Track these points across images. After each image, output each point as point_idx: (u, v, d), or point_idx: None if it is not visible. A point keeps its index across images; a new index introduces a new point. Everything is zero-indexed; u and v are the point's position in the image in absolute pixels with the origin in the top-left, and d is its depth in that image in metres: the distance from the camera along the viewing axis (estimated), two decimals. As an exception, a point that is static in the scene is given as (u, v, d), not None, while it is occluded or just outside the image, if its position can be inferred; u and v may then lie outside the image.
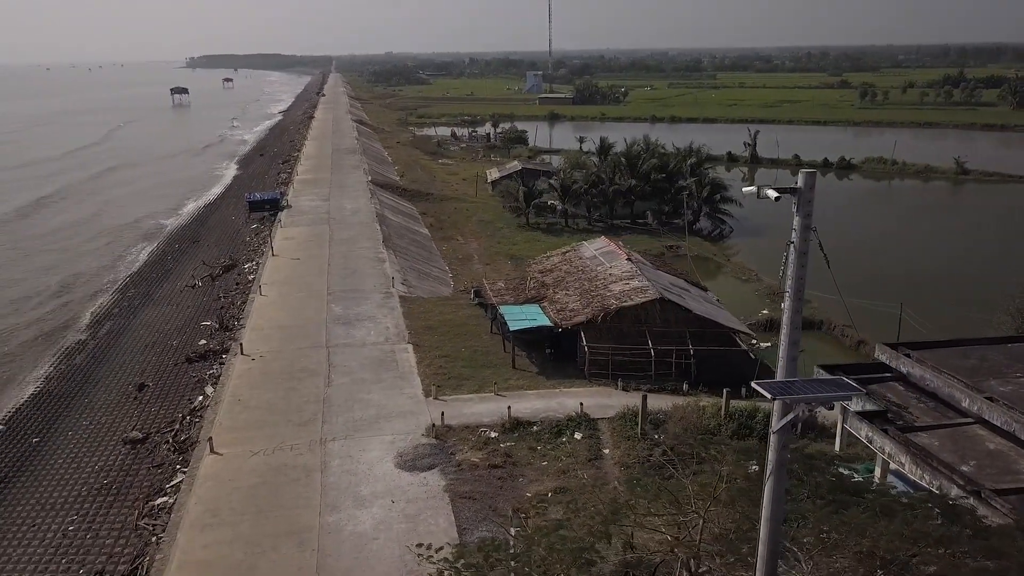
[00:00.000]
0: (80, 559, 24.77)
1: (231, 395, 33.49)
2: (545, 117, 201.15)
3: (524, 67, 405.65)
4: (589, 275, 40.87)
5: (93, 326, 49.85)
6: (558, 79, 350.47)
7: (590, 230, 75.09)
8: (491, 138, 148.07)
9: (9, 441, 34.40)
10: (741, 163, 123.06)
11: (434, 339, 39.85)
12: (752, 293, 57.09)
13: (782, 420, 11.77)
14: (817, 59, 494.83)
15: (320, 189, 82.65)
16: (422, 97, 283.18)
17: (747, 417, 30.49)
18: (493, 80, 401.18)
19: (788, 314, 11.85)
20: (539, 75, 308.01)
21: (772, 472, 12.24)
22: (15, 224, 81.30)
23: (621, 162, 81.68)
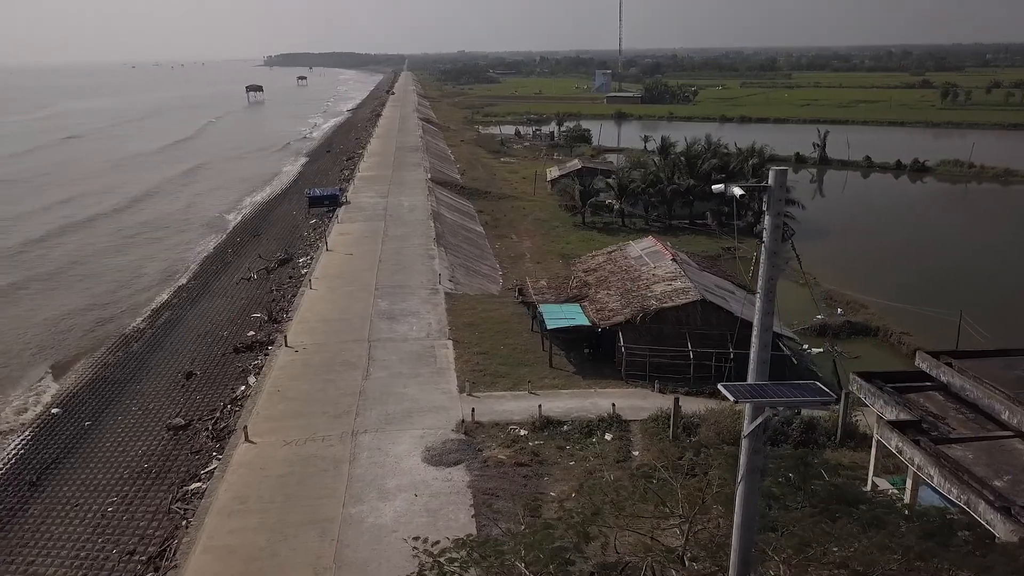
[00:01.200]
0: (115, 539, 25.68)
1: (271, 386, 34.22)
2: (612, 116, 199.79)
3: (594, 66, 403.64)
4: (632, 275, 40.46)
5: (153, 315, 51.57)
6: (628, 78, 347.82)
7: (647, 230, 74.22)
8: (554, 137, 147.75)
9: (64, 424, 35.85)
10: (809, 164, 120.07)
11: (474, 336, 40.01)
12: (808, 297, 55.70)
13: (752, 424, 11.40)
14: (899, 58, 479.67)
15: (380, 186, 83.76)
16: (490, 96, 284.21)
17: (783, 423, 29.78)
18: (563, 79, 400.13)
19: (759, 315, 11.52)
20: (608, 74, 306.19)
21: (743, 477, 11.88)
22: (110, 218, 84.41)
23: (681, 162, 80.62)
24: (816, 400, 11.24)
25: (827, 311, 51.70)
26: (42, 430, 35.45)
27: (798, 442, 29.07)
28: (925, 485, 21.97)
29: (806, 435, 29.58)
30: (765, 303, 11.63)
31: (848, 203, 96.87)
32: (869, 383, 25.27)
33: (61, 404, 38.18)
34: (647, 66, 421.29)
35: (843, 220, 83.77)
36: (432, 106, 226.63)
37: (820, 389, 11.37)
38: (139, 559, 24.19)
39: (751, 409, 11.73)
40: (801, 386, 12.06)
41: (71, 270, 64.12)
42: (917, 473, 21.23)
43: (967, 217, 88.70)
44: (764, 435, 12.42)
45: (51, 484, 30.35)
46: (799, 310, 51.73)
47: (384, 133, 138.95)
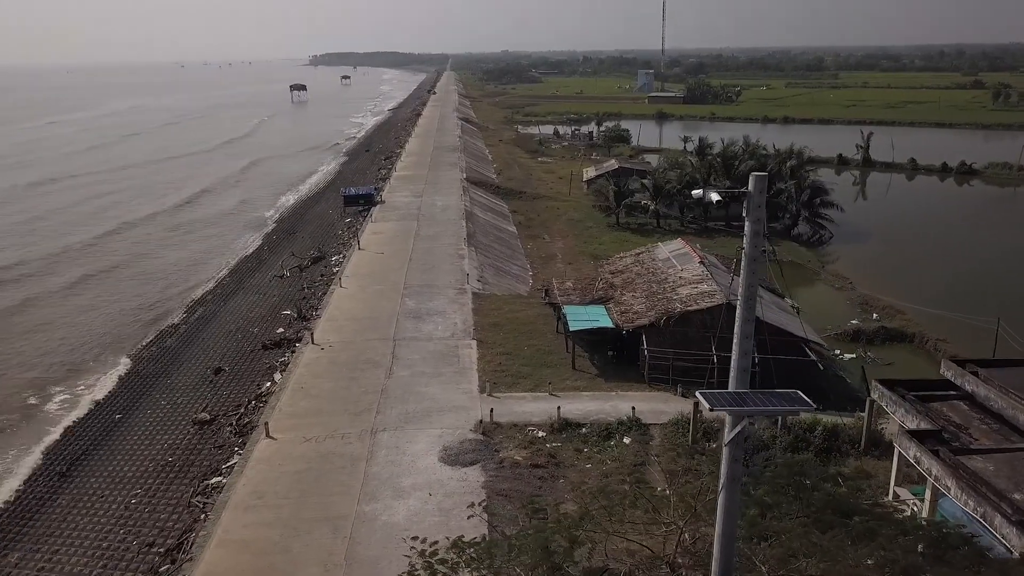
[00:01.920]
0: (136, 531, 26.21)
1: (295, 383, 34.61)
2: (653, 116, 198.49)
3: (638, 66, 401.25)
4: (659, 277, 40.15)
5: (189, 310, 52.52)
6: (671, 78, 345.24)
7: (682, 231, 73.71)
8: (593, 137, 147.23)
9: (96, 416, 36.72)
10: (852, 166, 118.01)
11: (499, 336, 40.04)
12: (844, 302, 54.82)
13: (731, 433, 11.24)
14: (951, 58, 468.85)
15: (415, 185, 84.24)
16: (532, 95, 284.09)
17: (805, 430, 29.34)
18: (605, 79, 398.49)
19: (739, 323, 11.34)
20: (650, 73, 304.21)
21: (724, 487, 11.71)
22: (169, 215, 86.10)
23: (717, 163, 79.82)
24: (795, 409, 11.02)
25: (862, 316, 50.81)
26: (75, 422, 36.33)
27: (820, 449, 28.61)
28: (946, 497, 21.51)
29: (829, 442, 29.08)
30: (745, 310, 11.44)
31: (890, 206, 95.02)
32: (891, 391, 24.80)
33: (93, 396, 39.09)
34: (691, 66, 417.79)
35: (884, 223, 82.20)
36: (473, 105, 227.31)
37: (800, 398, 11.16)
38: (157, 551, 24.67)
39: (730, 418, 11.55)
40: (781, 395, 11.85)
41: (128, 266, 65.16)
42: (935, 484, 20.75)
43: (1013, 221, 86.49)
44: (744, 444, 12.22)
45: (80, 475, 31.11)
46: (834, 314, 50.96)
47: (423, 133, 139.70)
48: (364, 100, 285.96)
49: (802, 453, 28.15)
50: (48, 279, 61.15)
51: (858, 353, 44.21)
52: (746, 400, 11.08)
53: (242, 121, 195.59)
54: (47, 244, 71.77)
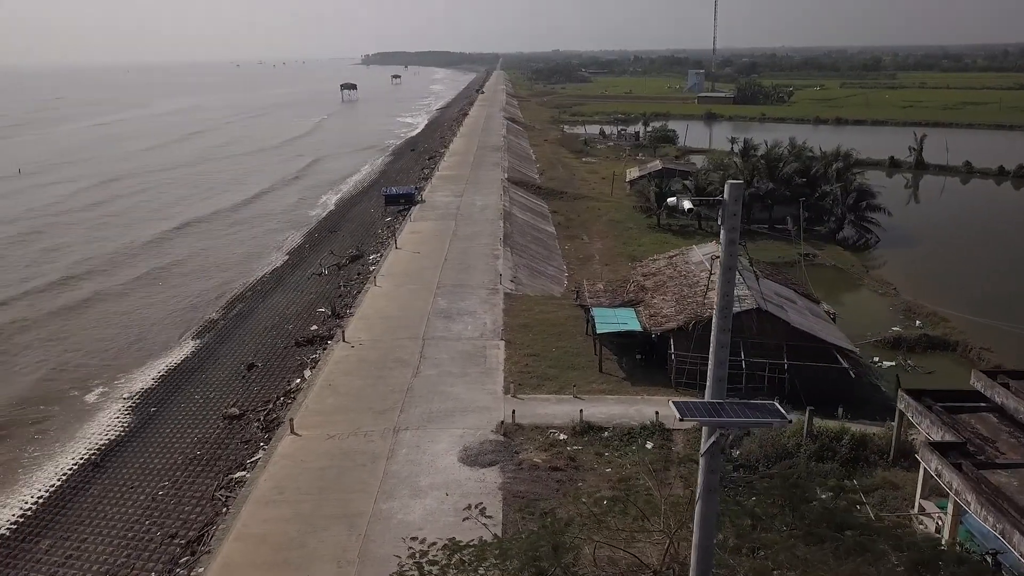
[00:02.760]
0: (160, 522, 26.81)
1: (324, 380, 35.05)
2: (701, 117, 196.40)
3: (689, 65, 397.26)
4: (690, 280, 39.73)
5: (228, 306, 53.52)
6: (723, 77, 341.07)
7: (723, 234, 72.77)
8: (639, 137, 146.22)
9: (132, 410, 37.61)
10: (904, 169, 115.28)
11: (528, 337, 40.03)
12: (886, 308, 53.60)
13: (707, 442, 11.07)
14: (1016, 57, 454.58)
15: (456, 185, 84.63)
16: (580, 95, 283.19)
17: (831, 439, 28.76)
18: (655, 79, 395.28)
19: (715, 331, 11.16)
20: (701, 73, 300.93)
21: (700, 497, 11.53)
22: (232, 212, 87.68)
23: (761, 164, 78.63)
24: (768, 421, 10.82)
25: (904, 323, 49.64)
26: (111, 413, 37.28)
27: (846, 459, 28.04)
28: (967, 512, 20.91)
29: (855, 452, 28.47)
30: (721, 319, 11.26)
31: (942, 210, 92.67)
32: (917, 401, 24.20)
33: (132, 389, 40.06)
34: (743, 65, 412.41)
35: (934, 228, 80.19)
36: (520, 105, 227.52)
37: (776, 410, 10.95)
38: (179, 543, 25.21)
39: (707, 428, 11.38)
40: (757, 406, 11.64)
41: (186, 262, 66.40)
42: (955, 498, 20.20)
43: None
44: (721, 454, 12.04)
45: (113, 466, 31.90)
46: (876, 321, 49.89)
47: (468, 132, 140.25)
48: (413, 99, 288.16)
49: (827, 463, 27.69)
50: (114, 274, 62.48)
51: (898, 361, 43.20)
52: (721, 410, 10.92)
53: (301, 120, 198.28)
54: (118, 240, 73.39)
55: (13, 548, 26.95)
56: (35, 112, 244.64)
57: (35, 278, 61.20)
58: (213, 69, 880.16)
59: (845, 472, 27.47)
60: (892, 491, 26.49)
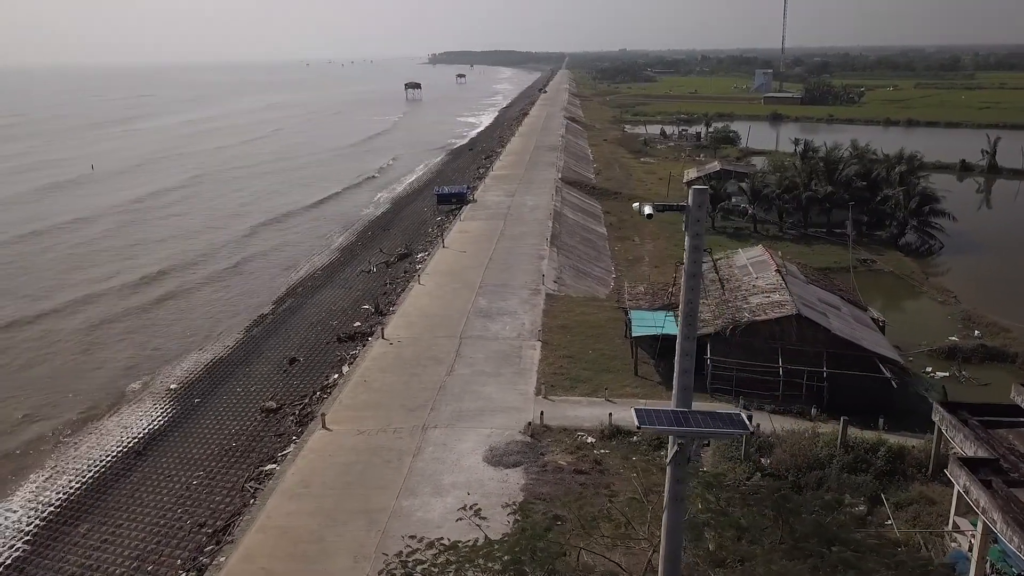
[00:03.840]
0: (191, 510, 27.53)
1: (359, 376, 35.51)
2: (767, 117, 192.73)
3: (757, 65, 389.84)
4: (732, 285, 39.04)
5: (278, 301, 54.63)
6: (792, 78, 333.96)
7: (780, 237, 71.50)
8: (701, 137, 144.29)
9: (177, 400, 38.70)
10: (976, 173, 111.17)
11: (565, 338, 39.88)
12: (944, 317, 51.79)
13: (672, 452, 10.86)
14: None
15: (509, 185, 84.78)
16: (644, 95, 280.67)
17: (867, 450, 27.92)
18: (722, 78, 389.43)
19: (680, 338, 10.93)
20: (768, 73, 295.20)
21: (667, 506, 11.30)
22: (312, 210, 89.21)
23: (820, 167, 76.78)
24: (730, 432, 10.57)
25: (962, 333, 47.88)
26: (156, 403, 38.42)
27: (881, 472, 27.20)
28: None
29: (892, 465, 27.59)
30: (686, 327, 11.02)
31: (1013, 216, 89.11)
32: (952, 414, 23.34)
33: (179, 381, 41.22)
34: (814, 65, 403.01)
35: (1002, 235, 77.08)
36: (582, 105, 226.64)
37: (740, 422, 10.67)
38: (206, 531, 25.85)
39: (673, 437, 11.17)
40: (720, 416, 11.37)
41: (264, 256, 68.07)
42: (982, 517, 19.42)
43: None
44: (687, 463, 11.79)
45: (153, 454, 32.89)
46: (932, 329, 48.25)
47: (527, 132, 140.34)
48: (476, 98, 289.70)
49: (860, 475, 26.93)
50: (199, 270, 64.00)
51: (952, 372, 41.72)
52: (685, 420, 10.69)
53: (376, 120, 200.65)
54: (208, 236, 75.30)
55: (55, 530, 28.01)
56: (128, 110, 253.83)
57: (122, 272, 62.94)
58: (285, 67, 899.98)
59: (879, 485, 26.70)
60: (928, 507, 25.62)
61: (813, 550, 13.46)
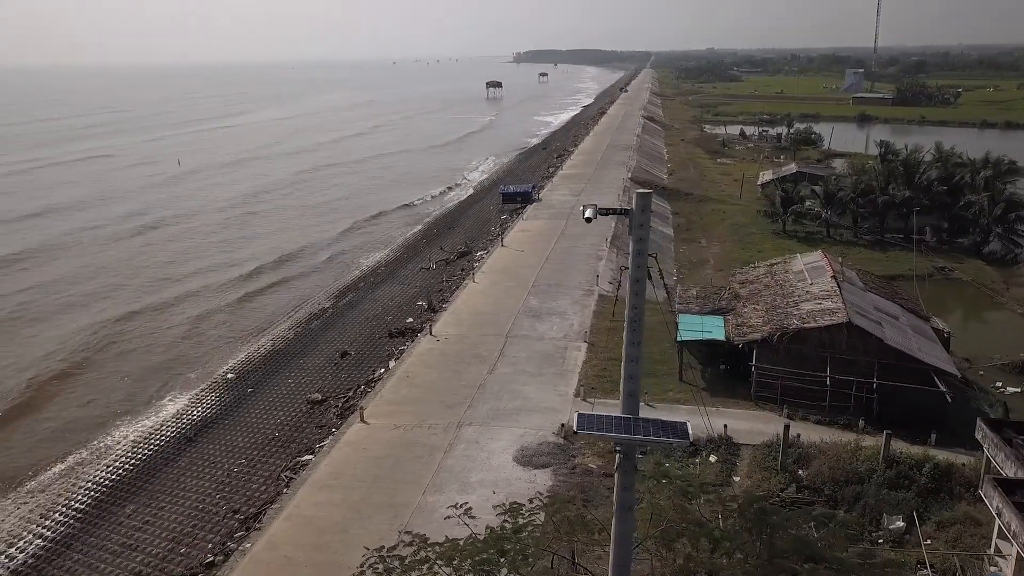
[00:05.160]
0: (228, 496, 28.39)
1: (403, 371, 35.97)
2: (854, 118, 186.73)
3: (849, 64, 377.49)
4: (786, 290, 37.97)
5: (338, 295, 55.76)
6: (885, 77, 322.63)
7: (854, 242, 69.24)
8: (781, 138, 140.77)
9: (232, 389, 39.91)
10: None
11: (612, 340, 39.42)
12: (1022, 329, 49.25)
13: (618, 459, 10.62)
14: None
15: (576, 184, 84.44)
16: (727, 95, 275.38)
17: (911, 467, 26.79)
18: (811, 78, 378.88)
19: (625, 345, 10.71)
20: (859, 73, 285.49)
21: (615, 516, 11.05)
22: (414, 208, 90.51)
23: (899, 170, 73.90)
24: (669, 441, 10.29)
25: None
26: (213, 392, 39.72)
27: (924, 489, 26.06)
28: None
29: (937, 483, 26.40)
30: (631, 333, 10.76)
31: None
32: (996, 433, 22.17)
33: (236, 370, 42.50)
34: (909, 64, 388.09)
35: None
36: (663, 104, 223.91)
37: (682, 431, 10.37)
38: (239, 518, 26.60)
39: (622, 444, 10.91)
40: (664, 424, 11.07)
41: (338, 257, 69.09)
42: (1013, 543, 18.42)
43: None
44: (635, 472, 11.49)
45: (203, 441, 34.03)
46: (1007, 343, 45.89)
47: (602, 131, 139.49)
48: (556, 97, 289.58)
49: (902, 492, 25.87)
50: (291, 265, 65.29)
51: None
52: (629, 426, 10.45)
53: (464, 119, 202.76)
54: (312, 233, 76.62)
55: (103, 510, 29.29)
56: (228, 107, 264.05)
57: (220, 267, 64.46)
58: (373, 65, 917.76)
59: (921, 503, 25.60)
60: (972, 528, 24.43)
61: (786, 567, 12.96)
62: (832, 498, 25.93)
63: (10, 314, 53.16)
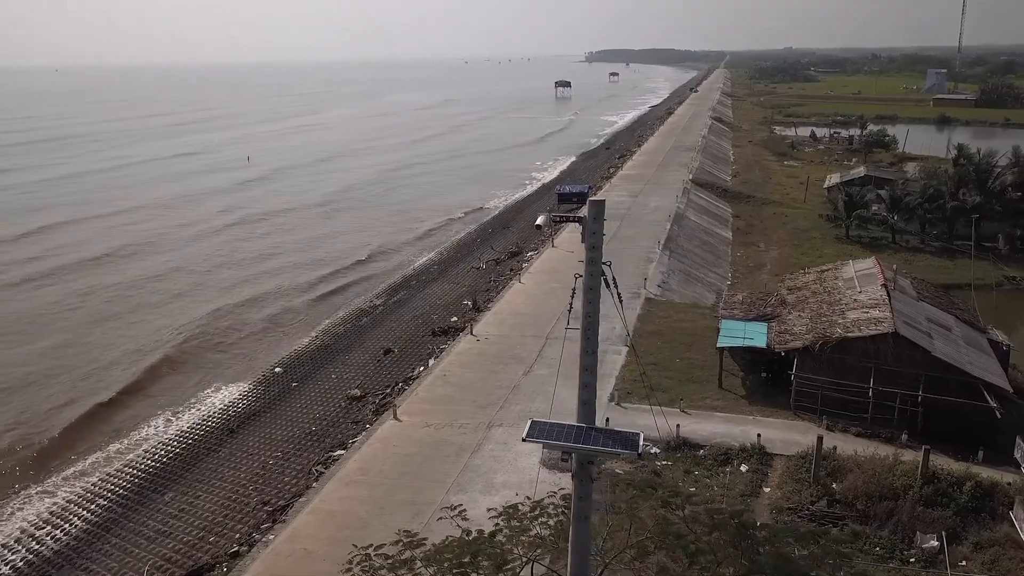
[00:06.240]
0: (260, 488, 29.06)
1: (440, 370, 36.21)
2: (934, 120, 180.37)
3: (933, 64, 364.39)
4: (833, 298, 36.89)
5: (389, 293, 56.46)
6: (971, 77, 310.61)
7: (920, 249, 67.03)
8: (852, 141, 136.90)
9: (278, 382, 40.82)
10: None
11: (655, 345, 39.06)
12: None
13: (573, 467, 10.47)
14: None
15: (635, 185, 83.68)
16: (802, 95, 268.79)
17: (951, 484, 25.76)
18: (891, 77, 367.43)
19: (581, 354, 10.57)
20: (942, 73, 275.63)
21: (572, 525, 10.87)
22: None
23: (970, 175, 71.13)
24: (616, 452, 10.14)
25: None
26: (259, 385, 40.67)
27: (964, 508, 25.04)
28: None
29: (979, 502, 25.33)
30: (585, 341, 10.62)
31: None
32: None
33: (283, 364, 43.41)
34: (997, 64, 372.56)
35: None
36: (734, 105, 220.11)
37: (632, 442, 10.18)
38: (267, 509, 27.19)
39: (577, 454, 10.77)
40: (615, 434, 10.86)
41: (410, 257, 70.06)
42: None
43: None
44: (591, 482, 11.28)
45: (244, 433, 34.91)
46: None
47: (667, 132, 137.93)
48: (625, 97, 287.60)
49: (939, 510, 24.91)
50: (366, 266, 66.15)
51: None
52: (581, 436, 10.30)
53: (550, 119, 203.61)
54: (409, 226, 78.85)
55: (144, 496, 30.30)
56: (314, 104, 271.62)
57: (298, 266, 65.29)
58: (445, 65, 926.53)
59: (959, 522, 24.62)
60: (1012, 551, 23.38)
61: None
62: (864, 513, 25.13)
63: (99, 309, 54.64)
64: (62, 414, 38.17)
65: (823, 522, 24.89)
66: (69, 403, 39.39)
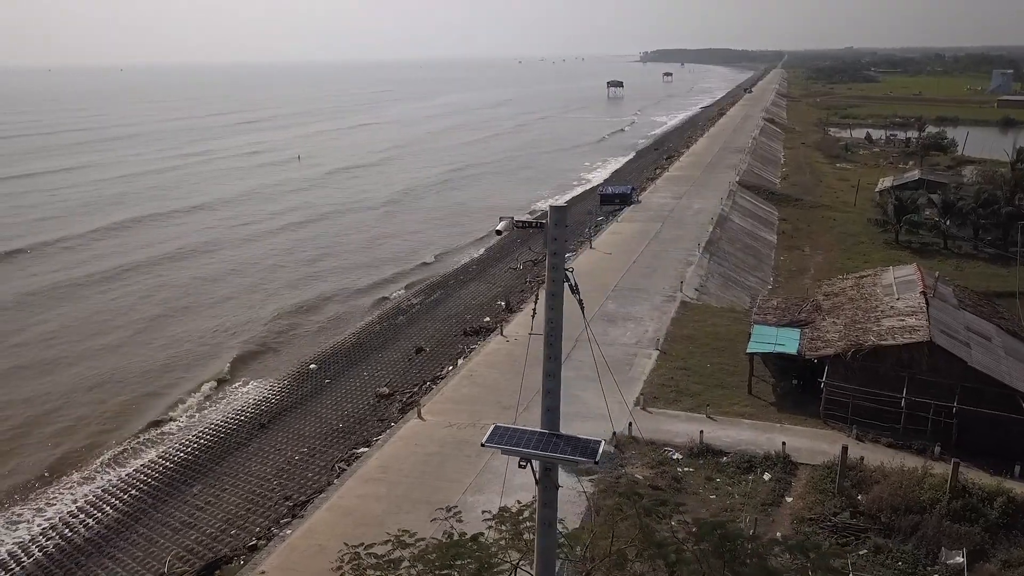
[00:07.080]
0: (283, 483, 29.52)
1: (467, 370, 36.34)
2: (997, 122, 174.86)
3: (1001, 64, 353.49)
4: (869, 305, 36.02)
5: (427, 291, 56.84)
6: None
7: (973, 256, 65.12)
8: (909, 143, 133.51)
9: (311, 378, 41.41)
10: None
11: (686, 349, 38.62)
12: None
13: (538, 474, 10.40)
14: None
15: (679, 187, 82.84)
16: (860, 96, 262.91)
17: (982, 499, 24.97)
18: (954, 78, 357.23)
19: (544, 361, 10.54)
20: (1008, 74, 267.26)
21: (537, 532, 10.81)
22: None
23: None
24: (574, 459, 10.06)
25: None
26: (294, 381, 41.30)
27: (995, 525, 24.26)
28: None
29: (1010, 518, 24.51)
30: (548, 348, 10.56)
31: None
32: None
33: (318, 360, 44.01)
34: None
35: None
36: (789, 106, 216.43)
37: (592, 449, 10.12)
38: (288, 504, 27.59)
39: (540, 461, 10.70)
40: (575, 441, 10.82)
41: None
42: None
43: None
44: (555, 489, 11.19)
45: (274, 428, 35.50)
46: None
47: (717, 133, 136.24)
48: (678, 97, 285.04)
49: (967, 525, 24.17)
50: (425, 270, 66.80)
51: None
52: (543, 442, 10.23)
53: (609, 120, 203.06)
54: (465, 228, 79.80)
55: (174, 488, 31.01)
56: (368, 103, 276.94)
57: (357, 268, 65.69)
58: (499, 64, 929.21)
59: (988, 538, 23.86)
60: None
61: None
62: (888, 527, 24.52)
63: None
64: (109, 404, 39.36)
65: (845, 534, 24.41)
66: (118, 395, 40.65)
